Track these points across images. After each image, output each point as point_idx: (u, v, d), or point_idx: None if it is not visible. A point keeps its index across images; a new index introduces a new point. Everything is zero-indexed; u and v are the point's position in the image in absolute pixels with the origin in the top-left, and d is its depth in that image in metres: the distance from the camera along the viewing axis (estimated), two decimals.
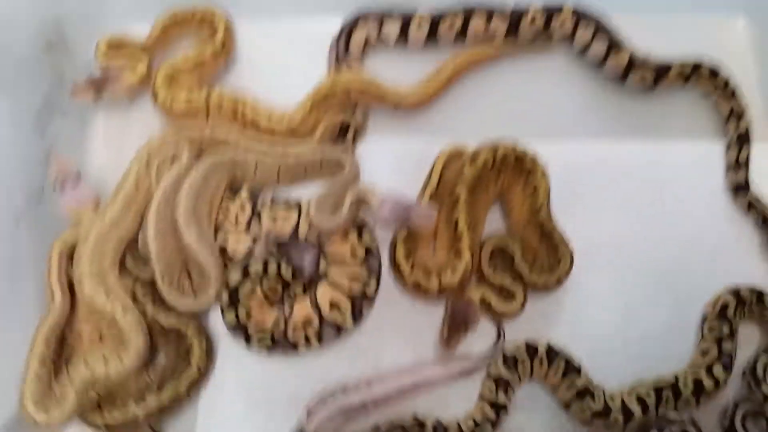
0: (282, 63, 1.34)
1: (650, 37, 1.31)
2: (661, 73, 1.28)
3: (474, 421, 1.12)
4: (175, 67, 1.25)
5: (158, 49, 1.31)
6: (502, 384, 1.13)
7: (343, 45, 1.30)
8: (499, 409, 1.12)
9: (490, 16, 1.29)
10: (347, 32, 1.30)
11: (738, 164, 1.27)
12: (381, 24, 1.30)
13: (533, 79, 1.34)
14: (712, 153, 1.31)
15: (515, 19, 1.29)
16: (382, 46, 1.34)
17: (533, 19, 1.29)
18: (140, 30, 1.31)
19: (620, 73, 1.29)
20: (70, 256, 1.15)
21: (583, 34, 1.29)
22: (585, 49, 1.31)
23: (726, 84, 1.29)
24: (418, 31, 1.29)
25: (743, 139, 1.28)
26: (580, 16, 1.29)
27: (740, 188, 1.27)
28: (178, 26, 1.32)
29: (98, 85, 1.24)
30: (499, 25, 1.29)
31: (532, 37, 1.32)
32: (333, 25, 1.31)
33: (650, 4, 1.37)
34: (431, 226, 1.13)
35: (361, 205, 1.13)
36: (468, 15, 1.29)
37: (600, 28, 1.28)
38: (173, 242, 1.14)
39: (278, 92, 1.27)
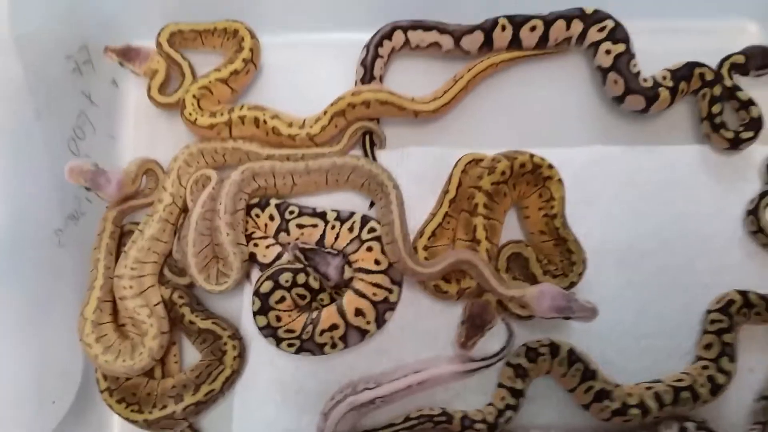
0: (305, 77, 1.38)
1: (663, 41, 1.36)
2: (651, 99, 1.29)
3: (496, 408, 1.19)
4: (207, 81, 1.29)
5: (170, 60, 1.35)
6: (520, 372, 1.20)
7: (372, 56, 1.34)
8: (518, 394, 1.20)
9: (569, 20, 1.32)
10: (378, 43, 1.34)
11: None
12: (458, 35, 1.33)
13: (545, 86, 1.38)
14: (718, 157, 1.34)
15: (589, 25, 1.32)
16: (426, 54, 1.38)
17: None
18: None
19: (617, 96, 1.32)
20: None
21: (607, 46, 1.31)
22: (594, 54, 1.34)
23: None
24: (502, 34, 1.32)
25: None
26: (615, 27, 1.31)
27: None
28: (197, 38, 1.37)
29: (126, 56, 1.32)
30: (577, 29, 1.32)
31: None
32: (353, 39, 1.36)
33: (663, 9, 1.39)
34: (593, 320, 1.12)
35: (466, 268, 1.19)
36: (551, 19, 1.32)
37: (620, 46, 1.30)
38: (207, 243, 1.23)
39: (303, 105, 1.32)
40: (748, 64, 1.32)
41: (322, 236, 1.24)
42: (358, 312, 1.19)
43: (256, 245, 1.25)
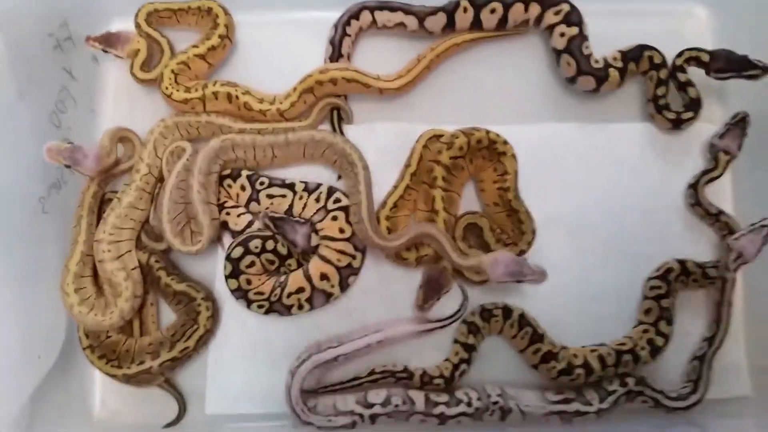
0: (278, 54, 1.44)
1: (613, 25, 1.42)
2: (601, 80, 1.37)
3: (452, 363, 1.29)
4: (185, 57, 1.36)
5: (150, 39, 1.40)
6: (473, 329, 1.30)
7: (340, 34, 1.40)
8: (471, 349, 1.30)
9: (527, 3, 1.38)
10: (346, 22, 1.40)
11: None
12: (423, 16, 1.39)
13: (503, 66, 1.45)
14: (664, 135, 1.42)
15: (546, 8, 1.38)
16: (391, 33, 1.44)
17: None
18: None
19: (570, 77, 1.40)
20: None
21: (561, 29, 1.38)
22: (550, 36, 1.41)
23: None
24: (464, 16, 1.38)
25: None
26: (570, 11, 1.38)
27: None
28: (172, 16, 1.42)
29: (107, 43, 1.38)
30: (534, 12, 1.39)
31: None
32: (325, 17, 1.42)
33: None
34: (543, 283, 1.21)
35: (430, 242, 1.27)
36: (510, 2, 1.38)
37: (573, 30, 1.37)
38: (181, 210, 1.30)
39: (276, 82, 1.38)
40: (711, 65, 1.37)
41: (291, 206, 1.32)
42: (324, 276, 1.28)
43: (228, 214, 1.32)
